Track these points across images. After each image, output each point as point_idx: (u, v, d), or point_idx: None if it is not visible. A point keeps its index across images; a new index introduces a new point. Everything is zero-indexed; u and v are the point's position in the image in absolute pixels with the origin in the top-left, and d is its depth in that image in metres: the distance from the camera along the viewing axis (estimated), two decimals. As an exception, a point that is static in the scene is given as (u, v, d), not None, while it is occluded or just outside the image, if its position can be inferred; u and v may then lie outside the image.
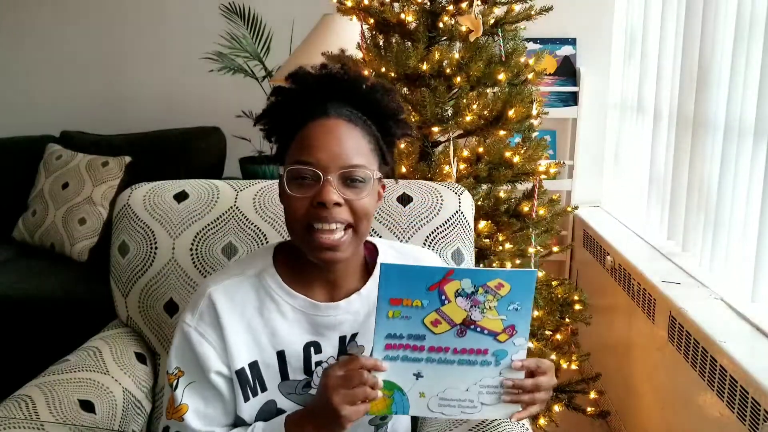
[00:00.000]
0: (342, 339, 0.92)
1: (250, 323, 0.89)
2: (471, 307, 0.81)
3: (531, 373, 0.85)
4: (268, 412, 0.90)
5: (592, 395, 1.89)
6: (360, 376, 0.79)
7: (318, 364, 0.91)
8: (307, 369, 0.91)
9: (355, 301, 0.91)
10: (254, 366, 0.89)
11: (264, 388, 0.90)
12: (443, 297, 0.81)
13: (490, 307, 0.81)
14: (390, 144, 0.91)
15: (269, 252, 0.94)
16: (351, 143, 0.83)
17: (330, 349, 0.92)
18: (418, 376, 0.83)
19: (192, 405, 0.87)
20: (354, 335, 0.93)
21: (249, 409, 0.89)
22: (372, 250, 0.97)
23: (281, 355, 0.90)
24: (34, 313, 2.13)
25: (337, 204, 0.81)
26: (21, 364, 1.70)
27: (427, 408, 0.84)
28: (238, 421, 0.91)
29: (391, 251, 0.98)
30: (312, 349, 0.91)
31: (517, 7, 1.67)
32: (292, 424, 0.85)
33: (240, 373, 0.88)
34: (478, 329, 0.82)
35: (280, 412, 0.90)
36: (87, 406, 1.05)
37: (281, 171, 0.85)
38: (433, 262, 1.05)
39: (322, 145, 0.82)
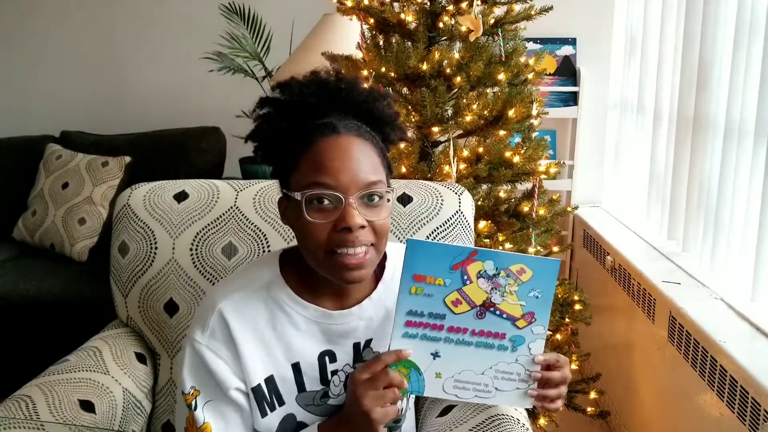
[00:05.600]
0: (356, 345, 0.90)
1: (263, 338, 0.86)
2: (492, 289, 0.82)
3: (548, 367, 0.84)
4: (288, 427, 0.89)
5: (592, 395, 1.89)
6: (386, 377, 0.79)
7: (334, 373, 0.90)
8: (323, 379, 0.89)
9: (367, 307, 0.90)
10: (270, 381, 0.87)
11: (281, 402, 0.88)
12: (465, 277, 0.81)
13: (510, 292, 0.82)
14: (387, 150, 0.90)
15: (275, 261, 0.91)
16: (366, 161, 0.80)
17: (345, 356, 0.90)
18: (435, 355, 0.84)
19: (215, 424, 0.84)
20: (368, 341, 0.91)
21: (267, 424, 0.87)
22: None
23: (296, 367, 0.88)
24: (34, 313, 2.13)
25: (362, 227, 0.79)
26: (21, 364, 1.71)
27: (442, 389, 0.84)
28: None
29: (397, 255, 0.97)
30: (327, 358, 0.89)
31: (517, 7, 1.67)
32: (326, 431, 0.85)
33: (256, 389, 0.86)
34: (497, 312, 0.83)
35: (300, 425, 0.88)
36: (87, 406, 1.05)
37: (293, 194, 0.80)
38: None
39: (339, 166, 0.78)
